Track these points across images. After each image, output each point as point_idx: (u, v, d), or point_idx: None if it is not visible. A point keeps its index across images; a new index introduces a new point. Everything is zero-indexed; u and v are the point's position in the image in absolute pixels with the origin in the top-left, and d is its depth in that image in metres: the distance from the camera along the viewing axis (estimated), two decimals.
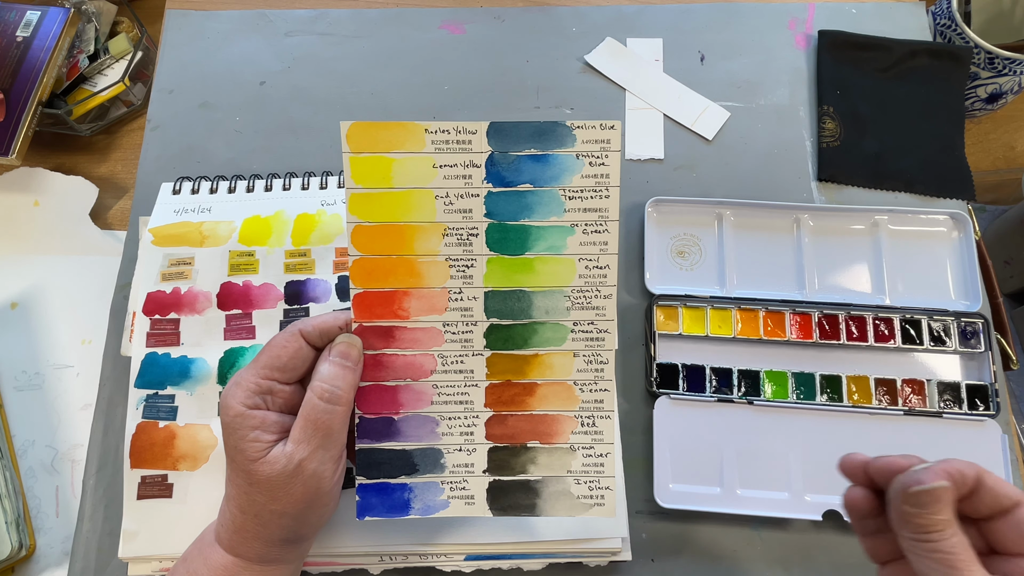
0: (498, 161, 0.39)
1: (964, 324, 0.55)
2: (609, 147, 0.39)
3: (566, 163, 0.39)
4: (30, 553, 0.54)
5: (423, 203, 0.39)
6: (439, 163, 0.39)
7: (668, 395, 0.53)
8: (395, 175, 0.39)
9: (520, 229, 0.39)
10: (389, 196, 0.39)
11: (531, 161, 0.39)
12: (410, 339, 0.40)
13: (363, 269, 0.40)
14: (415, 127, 0.38)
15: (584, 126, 0.39)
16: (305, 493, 0.37)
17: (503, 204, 0.39)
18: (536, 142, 0.39)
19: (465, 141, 0.39)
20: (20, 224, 0.65)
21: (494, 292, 0.40)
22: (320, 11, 0.67)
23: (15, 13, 0.66)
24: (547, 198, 0.39)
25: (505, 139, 0.39)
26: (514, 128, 0.39)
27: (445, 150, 0.39)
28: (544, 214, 0.39)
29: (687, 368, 0.54)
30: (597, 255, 0.40)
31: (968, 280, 0.56)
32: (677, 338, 0.54)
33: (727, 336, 0.54)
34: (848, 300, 0.55)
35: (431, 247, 0.40)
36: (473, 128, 0.38)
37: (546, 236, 0.40)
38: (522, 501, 0.41)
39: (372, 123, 0.38)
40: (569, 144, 0.39)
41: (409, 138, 0.38)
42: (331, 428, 0.37)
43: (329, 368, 0.38)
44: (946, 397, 0.53)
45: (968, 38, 0.64)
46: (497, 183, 0.39)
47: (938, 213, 0.58)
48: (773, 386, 0.53)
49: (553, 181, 0.39)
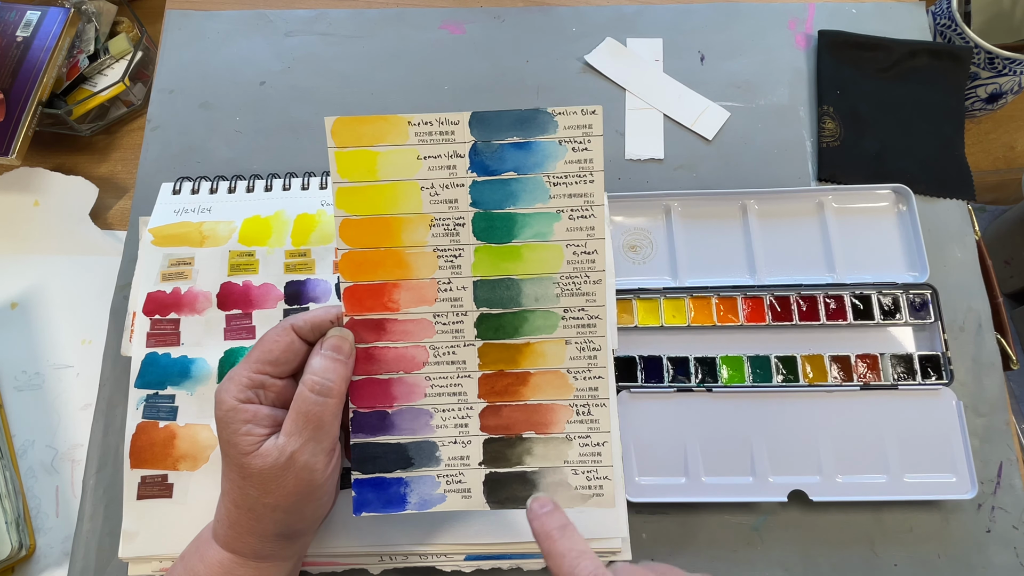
0: (481, 150, 0.39)
1: (913, 296, 0.55)
2: (591, 132, 0.39)
3: (549, 149, 0.39)
4: (30, 553, 0.54)
5: (409, 195, 0.39)
6: (423, 154, 0.39)
7: (628, 388, 0.53)
8: (380, 168, 0.39)
9: (506, 217, 0.40)
10: (375, 189, 0.39)
11: (514, 149, 0.39)
12: (401, 331, 0.40)
13: (352, 262, 0.40)
14: (398, 120, 0.39)
15: (566, 112, 0.39)
16: (297, 485, 0.37)
17: (488, 193, 0.39)
18: (518, 130, 0.39)
19: (448, 132, 0.39)
20: (20, 224, 0.65)
21: (483, 281, 0.40)
22: (320, 11, 0.67)
23: (15, 13, 0.66)
24: (531, 185, 0.40)
25: (487, 128, 0.39)
26: (496, 117, 0.39)
27: (428, 141, 0.39)
28: (529, 201, 0.40)
29: (644, 360, 0.54)
30: (584, 240, 0.40)
31: (914, 252, 0.57)
32: (633, 331, 0.55)
33: (681, 325, 0.55)
34: (798, 281, 0.56)
35: (418, 238, 0.40)
36: (455, 119, 0.39)
37: (532, 223, 0.40)
38: (519, 493, 0.41)
39: (356, 118, 0.39)
40: (551, 130, 0.39)
41: (392, 131, 0.39)
42: (322, 420, 0.37)
43: (320, 361, 0.38)
44: (900, 369, 0.54)
45: (968, 38, 0.64)
46: (481, 172, 0.39)
47: (881, 188, 0.58)
48: (729, 371, 0.54)
49: (537, 168, 0.39)
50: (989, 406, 0.54)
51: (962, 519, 0.52)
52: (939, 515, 0.52)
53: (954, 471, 0.51)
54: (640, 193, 0.58)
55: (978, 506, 0.52)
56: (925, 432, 0.52)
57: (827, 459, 0.52)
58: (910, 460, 0.52)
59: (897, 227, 0.58)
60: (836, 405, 0.53)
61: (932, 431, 0.52)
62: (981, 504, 0.52)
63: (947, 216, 0.60)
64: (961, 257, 0.59)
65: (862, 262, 0.57)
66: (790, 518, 0.51)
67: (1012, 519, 0.52)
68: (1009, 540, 0.51)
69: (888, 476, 0.51)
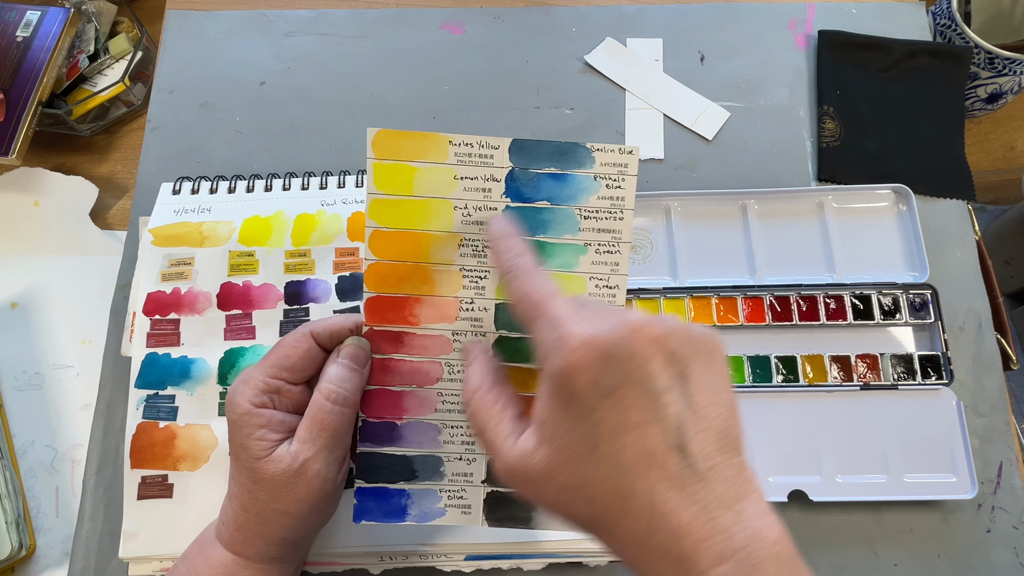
0: (518, 177, 0.39)
1: (913, 296, 0.55)
2: (626, 171, 0.39)
3: (584, 183, 0.39)
4: (30, 553, 0.54)
5: (442, 212, 0.39)
6: (460, 175, 0.39)
7: None
8: (416, 183, 0.39)
9: (535, 244, 0.40)
10: (409, 203, 0.39)
11: (550, 179, 0.39)
12: (419, 346, 0.40)
13: (377, 273, 0.40)
14: (439, 138, 0.39)
15: (604, 149, 0.39)
16: (308, 493, 0.37)
17: (520, 219, 0.40)
18: (556, 161, 0.39)
19: (487, 156, 0.39)
20: (20, 224, 0.65)
21: (505, 305, 0.40)
22: (320, 11, 0.67)
23: (15, 13, 0.66)
24: (563, 216, 0.40)
25: (526, 156, 0.39)
26: (536, 146, 0.39)
27: (467, 162, 0.39)
28: (559, 232, 0.40)
29: None
30: (608, 275, 0.40)
31: (914, 252, 0.57)
32: None
33: None
34: (798, 281, 0.56)
35: (447, 256, 0.40)
36: (496, 143, 0.39)
37: (559, 253, 0.40)
38: (518, 514, 0.41)
39: (397, 131, 0.39)
40: (588, 165, 0.39)
41: (433, 148, 0.39)
42: (337, 429, 0.37)
43: (337, 370, 0.38)
44: (900, 369, 0.54)
45: (968, 38, 0.64)
46: (516, 198, 0.39)
47: (881, 188, 0.58)
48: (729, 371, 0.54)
49: (570, 200, 0.40)
50: (989, 406, 0.54)
51: (962, 519, 0.52)
52: (939, 515, 0.52)
53: (954, 471, 0.51)
54: (640, 193, 0.58)
55: (978, 506, 0.52)
56: (925, 432, 0.52)
57: (827, 459, 0.52)
58: (910, 460, 0.52)
59: (897, 227, 0.58)
60: (836, 405, 0.53)
61: (932, 431, 0.52)
62: (981, 504, 0.52)
63: (947, 216, 0.60)
64: (961, 257, 0.59)
65: (862, 262, 0.57)
66: (790, 518, 0.51)
67: (1012, 519, 0.52)
68: (1009, 540, 0.51)
69: (888, 476, 0.51)
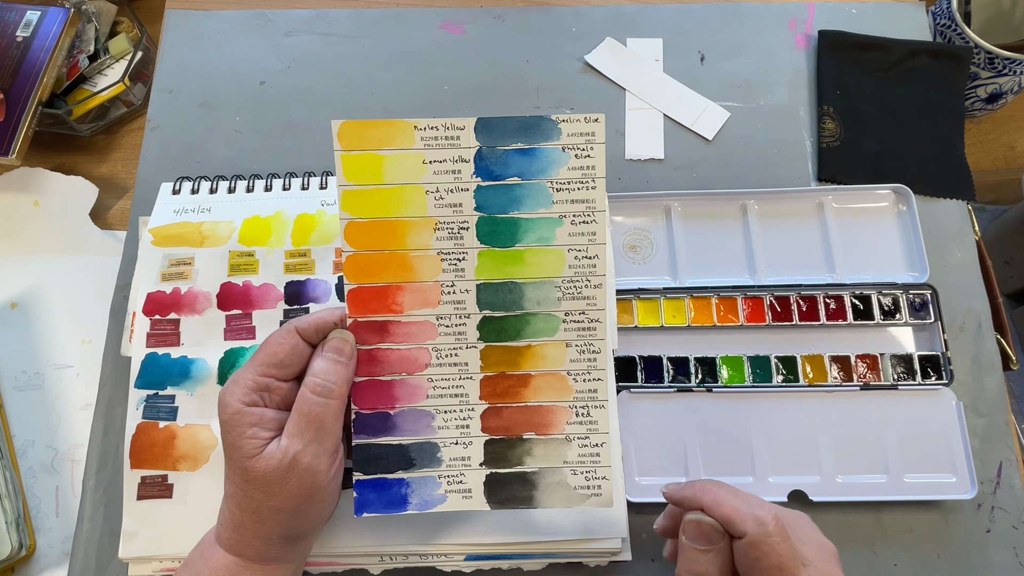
0: (486, 156, 0.40)
1: (913, 296, 0.55)
2: (594, 139, 0.40)
3: (552, 156, 0.40)
4: (30, 553, 0.54)
5: (414, 198, 0.40)
6: (429, 159, 0.39)
7: (628, 388, 0.53)
8: (386, 171, 0.39)
9: (509, 221, 0.40)
10: (381, 192, 0.40)
11: (518, 155, 0.40)
12: (404, 333, 0.41)
13: (356, 265, 0.40)
14: (404, 124, 0.39)
15: (569, 120, 0.39)
16: (301, 488, 0.37)
17: (492, 197, 0.40)
18: (522, 136, 0.40)
19: (453, 137, 0.39)
20: (20, 224, 0.65)
21: (486, 284, 0.40)
22: (320, 11, 0.67)
23: (15, 13, 0.66)
24: (535, 190, 0.40)
25: (492, 134, 0.40)
26: (501, 123, 0.40)
27: (434, 146, 0.39)
28: (532, 206, 0.40)
29: (644, 360, 0.54)
30: (586, 245, 0.40)
31: (914, 252, 0.57)
32: (633, 331, 0.55)
33: (681, 325, 0.55)
34: (798, 281, 0.56)
35: (423, 241, 0.40)
36: (461, 124, 0.39)
37: (535, 228, 0.40)
38: (519, 493, 0.41)
39: (362, 121, 0.39)
40: (555, 137, 0.40)
41: (399, 135, 0.39)
42: (324, 421, 0.37)
43: (322, 363, 0.39)
44: (900, 369, 0.54)
45: (968, 38, 0.64)
46: (486, 177, 0.40)
47: (881, 188, 0.58)
48: (730, 371, 0.54)
49: (540, 174, 0.40)
50: (989, 406, 0.54)
51: (962, 519, 0.52)
52: (939, 515, 0.52)
53: (954, 471, 0.51)
54: (640, 193, 0.58)
55: (978, 506, 0.52)
56: (925, 432, 0.52)
57: (827, 459, 0.52)
58: (910, 460, 0.52)
59: (897, 227, 0.58)
60: (836, 405, 0.53)
61: (932, 431, 0.52)
62: (981, 504, 0.52)
63: (947, 216, 0.60)
64: (961, 257, 0.59)
65: (862, 262, 0.57)
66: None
67: (1012, 519, 0.52)
68: (1009, 540, 0.51)
69: (888, 476, 0.51)
